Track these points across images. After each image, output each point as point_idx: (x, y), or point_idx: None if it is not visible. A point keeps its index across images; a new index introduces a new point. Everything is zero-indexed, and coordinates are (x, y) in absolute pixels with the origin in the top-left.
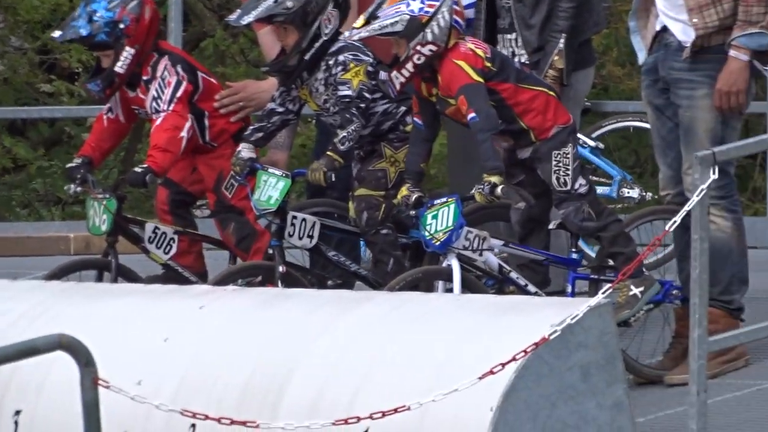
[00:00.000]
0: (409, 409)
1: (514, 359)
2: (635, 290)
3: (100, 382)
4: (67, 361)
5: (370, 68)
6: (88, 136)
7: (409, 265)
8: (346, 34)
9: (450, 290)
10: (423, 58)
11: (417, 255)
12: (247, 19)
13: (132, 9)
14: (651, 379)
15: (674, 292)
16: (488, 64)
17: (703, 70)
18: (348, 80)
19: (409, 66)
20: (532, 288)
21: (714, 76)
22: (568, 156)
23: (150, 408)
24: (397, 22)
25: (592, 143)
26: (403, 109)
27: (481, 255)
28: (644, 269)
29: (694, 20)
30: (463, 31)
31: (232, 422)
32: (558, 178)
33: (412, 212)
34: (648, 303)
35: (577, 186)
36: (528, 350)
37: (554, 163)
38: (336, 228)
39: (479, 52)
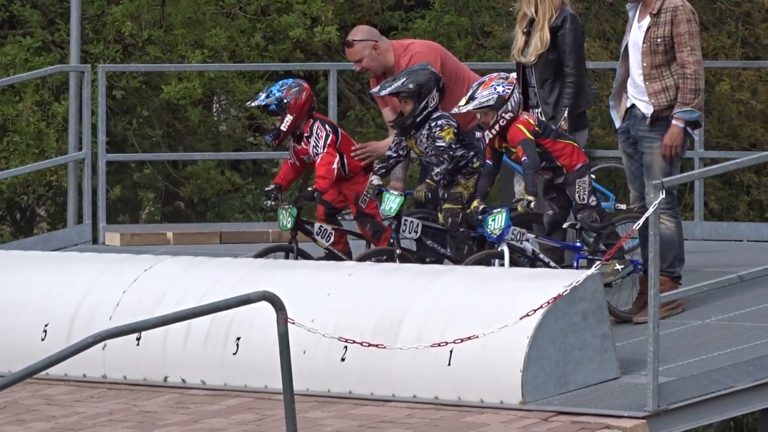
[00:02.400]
0: (477, 337)
1: (541, 307)
2: (618, 267)
3: (288, 320)
4: (268, 308)
5: (455, 130)
6: (277, 170)
7: (477, 250)
8: (455, 110)
9: (502, 265)
10: (505, 122)
11: (482, 243)
12: (384, 92)
13: (294, 92)
14: (624, 319)
15: (639, 266)
16: (536, 128)
17: (658, 131)
18: (443, 136)
19: (496, 127)
20: (552, 264)
21: (664, 135)
22: (585, 182)
23: (319, 336)
24: (490, 99)
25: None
26: (471, 153)
27: (521, 243)
28: (625, 255)
29: (652, 101)
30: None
31: (369, 345)
32: (579, 195)
33: (480, 217)
34: (624, 275)
35: (590, 201)
36: (550, 302)
37: (577, 186)
38: (431, 227)
39: (531, 120)
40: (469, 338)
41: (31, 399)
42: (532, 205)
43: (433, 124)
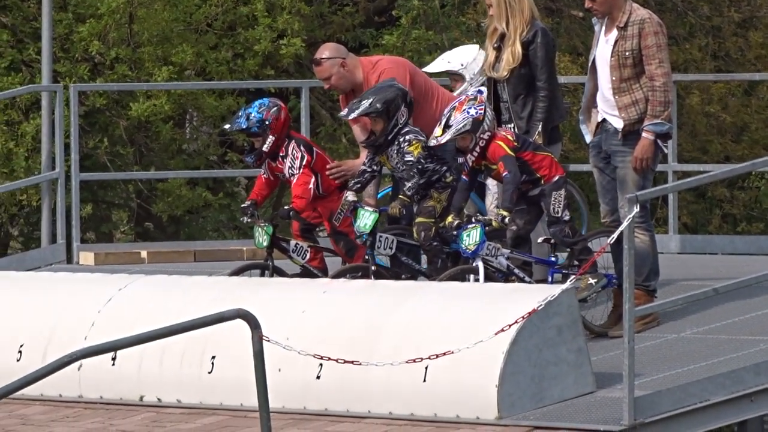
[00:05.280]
0: (452, 353)
1: (516, 322)
2: (592, 281)
3: (263, 338)
4: (243, 326)
5: (423, 144)
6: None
7: (451, 265)
8: (433, 141)
9: (477, 281)
10: (484, 142)
11: (456, 259)
12: (352, 115)
13: (273, 113)
14: (599, 334)
15: (614, 280)
16: (515, 144)
17: (630, 145)
18: (411, 151)
19: (477, 149)
20: (527, 279)
21: None
22: (561, 195)
23: (294, 354)
24: (466, 124)
25: None
26: (444, 168)
27: (496, 258)
28: (597, 268)
29: (622, 115)
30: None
31: (344, 362)
32: (553, 208)
33: (454, 232)
34: (598, 289)
35: (563, 215)
36: (525, 317)
37: (552, 198)
38: (406, 243)
39: (509, 137)
40: (445, 354)
41: (6, 419)
42: (506, 220)
43: (401, 140)
